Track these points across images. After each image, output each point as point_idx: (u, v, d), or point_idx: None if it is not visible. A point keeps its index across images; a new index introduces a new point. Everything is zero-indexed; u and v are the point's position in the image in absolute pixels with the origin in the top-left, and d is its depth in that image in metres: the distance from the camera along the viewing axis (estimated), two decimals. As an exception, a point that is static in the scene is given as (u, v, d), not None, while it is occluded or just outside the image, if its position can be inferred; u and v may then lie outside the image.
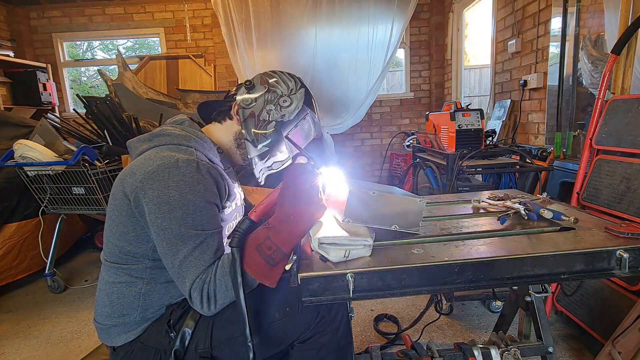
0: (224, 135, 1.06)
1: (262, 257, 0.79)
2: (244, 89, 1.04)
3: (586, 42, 2.30)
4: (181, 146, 0.91)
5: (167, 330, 0.91)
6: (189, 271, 0.81)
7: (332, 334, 0.94)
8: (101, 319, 0.94)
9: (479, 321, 1.83)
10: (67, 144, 2.20)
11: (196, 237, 0.82)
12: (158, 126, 2.73)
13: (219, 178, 0.91)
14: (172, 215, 0.81)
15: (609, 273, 0.78)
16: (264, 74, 1.06)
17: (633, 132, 1.49)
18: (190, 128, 0.99)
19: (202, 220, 0.83)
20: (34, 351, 1.80)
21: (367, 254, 0.80)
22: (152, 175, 0.82)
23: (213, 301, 0.82)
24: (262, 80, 1.04)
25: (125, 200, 0.86)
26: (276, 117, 1.01)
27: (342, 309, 0.97)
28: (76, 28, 4.47)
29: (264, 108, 1.01)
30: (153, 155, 0.87)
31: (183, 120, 1.02)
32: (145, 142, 0.94)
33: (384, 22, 3.55)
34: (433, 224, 1.04)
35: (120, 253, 0.90)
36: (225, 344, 0.91)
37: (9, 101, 3.85)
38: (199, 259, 0.82)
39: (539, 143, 2.67)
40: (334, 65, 3.63)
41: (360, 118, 3.93)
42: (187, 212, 0.81)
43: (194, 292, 0.81)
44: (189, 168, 0.84)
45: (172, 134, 0.94)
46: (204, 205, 0.84)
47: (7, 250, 2.27)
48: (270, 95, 1.02)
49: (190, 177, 0.83)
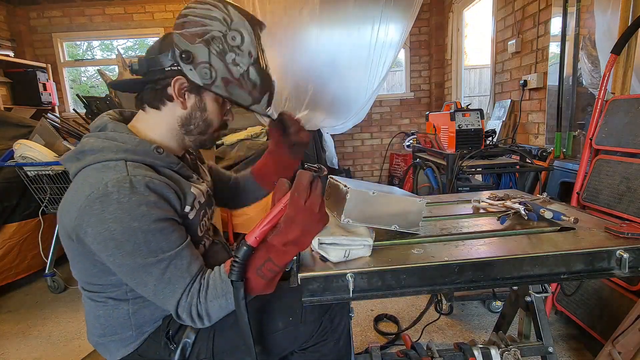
0: (164, 126, 0.86)
1: (264, 280, 0.75)
2: (185, 64, 0.78)
3: (586, 42, 2.30)
4: (109, 162, 0.76)
5: (166, 342, 0.87)
6: (167, 298, 0.75)
7: (333, 344, 0.93)
8: (95, 339, 0.89)
9: (479, 321, 1.83)
10: (67, 144, 2.20)
11: (159, 263, 0.73)
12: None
13: (164, 188, 0.76)
14: (122, 251, 0.71)
15: (609, 273, 0.78)
16: (180, 28, 0.78)
17: (633, 132, 1.49)
18: (114, 133, 0.81)
19: (159, 243, 0.73)
20: (34, 351, 1.80)
21: (367, 253, 0.80)
22: (84, 210, 0.71)
23: (207, 318, 0.77)
24: (187, 38, 0.77)
25: (71, 241, 0.77)
26: (248, 62, 0.81)
27: (345, 319, 0.97)
28: (76, 28, 4.47)
29: (227, 65, 0.80)
30: (80, 183, 0.75)
31: (105, 124, 0.83)
32: (73, 161, 0.79)
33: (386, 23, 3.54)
34: (433, 224, 1.04)
35: (96, 285, 0.83)
36: (227, 354, 0.89)
37: (9, 101, 3.85)
38: (171, 284, 0.74)
39: (539, 143, 2.67)
40: (335, 66, 3.63)
41: (361, 118, 3.94)
42: (137, 242, 0.71)
43: (183, 315, 0.76)
44: (122, 191, 0.70)
45: (94, 149, 0.77)
46: (155, 227, 0.72)
47: (7, 250, 2.27)
48: (215, 45, 0.79)
49: (126, 202, 0.70)
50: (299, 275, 0.73)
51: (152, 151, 0.80)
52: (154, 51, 0.83)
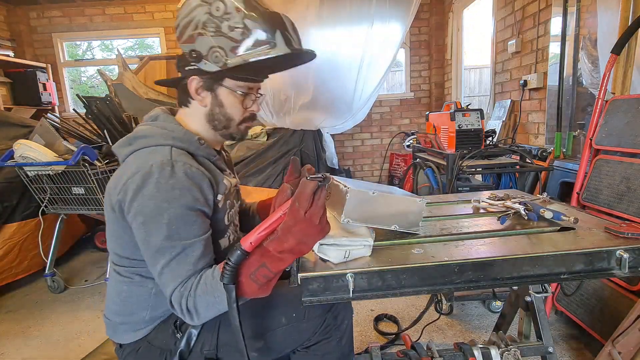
0: (197, 121, 0.93)
1: (257, 284, 0.75)
2: (189, 59, 0.85)
3: (586, 42, 2.30)
4: (158, 147, 0.84)
5: (173, 330, 0.90)
6: (167, 283, 0.79)
7: (336, 341, 0.94)
8: (111, 315, 0.94)
9: (479, 321, 1.83)
10: (67, 144, 2.20)
11: (172, 248, 0.78)
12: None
13: (200, 177, 0.83)
14: (147, 227, 0.78)
15: (609, 273, 0.78)
16: (178, 40, 0.86)
17: (633, 132, 1.49)
18: (165, 123, 0.90)
19: (179, 230, 0.78)
20: (34, 351, 1.80)
21: (367, 254, 0.80)
22: (128, 186, 0.79)
23: (195, 314, 0.79)
24: (186, 39, 0.84)
25: (113, 213, 0.84)
26: (237, 22, 0.81)
27: (348, 317, 0.97)
28: (76, 28, 4.47)
29: (227, 34, 0.81)
30: (130, 163, 0.83)
31: (157, 115, 0.92)
32: (125, 146, 0.88)
33: (385, 22, 3.54)
34: (433, 224, 1.04)
35: (127, 259, 0.89)
36: (231, 346, 0.90)
37: (9, 101, 3.85)
38: (175, 271, 0.78)
39: (539, 143, 2.67)
40: (335, 66, 3.63)
41: (361, 118, 3.94)
42: (161, 222, 0.77)
43: (174, 304, 0.79)
44: (163, 173, 0.78)
45: (146, 135, 0.86)
46: (181, 213, 0.79)
47: (7, 250, 2.27)
48: (209, 26, 0.81)
49: (164, 183, 0.78)
50: (299, 275, 0.73)
51: (195, 141, 0.89)
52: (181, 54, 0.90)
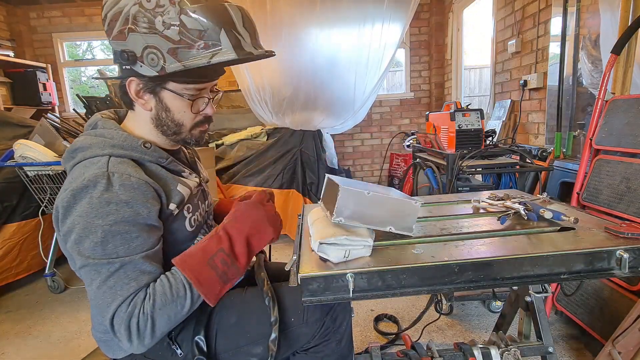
0: (143, 126, 0.86)
1: (217, 273, 0.71)
2: (124, 55, 0.76)
3: (586, 42, 2.30)
4: (95, 158, 0.77)
5: (169, 343, 0.87)
6: (105, 304, 0.71)
7: (336, 344, 0.93)
8: (98, 335, 0.90)
9: (479, 321, 1.83)
10: (67, 144, 2.20)
11: (109, 265, 0.71)
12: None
13: (142, 188, 0.75)
14: (79, 246, 0.72)
15: (609, 273, 0.78)
16: (107, 33, 0.78)
17: (633, 132, 1.49)
18: (103, 130, 0.82)
19: (116, 247, 0.72)
20: (34, 351, 1.80)
21: (367, 254, 0.80)
22: (59, 204, 0.74)
23: (149, 333, 0.72)
24: (116, 35, 0.76)
25: (59, 235, 0.78)
26: (173, 18, 0.72)
27: (347, 319, 0.96)
28: (76, 28, 4.47)
29: (162, 32, 0.73)
30: (68, 180, 0.77)
31: (96, 121, 0.85)
32: (68, 160, 0.81)
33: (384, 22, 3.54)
34: (433, 224, 1.04)
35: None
36: (230, 353, 0.89)
37: (9, 101, 3.85)
38: (115, 289, 0.71)
39: (539, 143, 2.67)
40: (334, 66, 3.63)
41: (361, 118, 3.94)
42: (94, 239, 0.71)
43: (116, 325, 0.71)
44: (98, 187, 0.72)
45: (83, 146, 0.79)
46: (117, 228, 0.72)
47: (7, 250, 2.27)
48: (140, 21, 0.73)
49: (97, 198, 0.71)
50: (299, 275, 0.73)
51: (139, 146, 0.81)
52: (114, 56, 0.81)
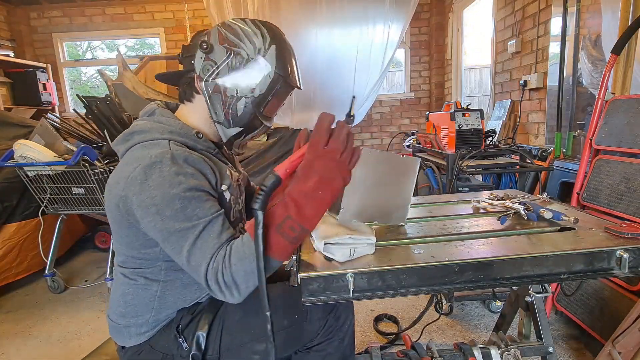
0: (199, 116, 0.92)
1: (286, 239, 0.71)
2: (200, 52, 0.86)
3: (586, 42, 2.30)
4: (154, 141, 0.83)
5: (175, 335, 0.89)
6: (198, 264, 0.75)
7: (338, 342, 0.94)
8: (115, 317, 0.93)
9: (479, 321, 1.83)
10: (67, 144, 2.20)
11: (194, 228, 0.76)
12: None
13: (201, 163, 0.82)
14: (162, 216, 0.76)
15: (609, 273, 0.78)
16: (222, 26, 0.87)
17: (633, 132, 1.49)
18: (161, 117, 0.89)
19: (195, 210, 0.77)
20: (34, 351, 1.80)
21: (371, 251, 0.80)
22: (131, 180, 0.78)
23: (235, 288, 0.74)
24: (220, 37, 0.85)
25: (118, 211, 0.82)
26: (245, 93, 0.86)
27: (350, 318, 0.96)
28: (76, 28, 4.47)
29: (228, 79, 0.85)
30: (129, 159, 0.82)
31: (153, 109, 0.91)
32: (123, 142, 0.87)
33: (384, 22, 3.55)
34: (433, 224, 1.04)
35: (133, 260, 0.88)
36: (234, 351, 0.89)
37: (9, 101, 3.85)
38: (202, 249, 0.75)
39: (539, 143, 2.67)
40: (334, 66, 3.63)
41: (361, 118, 3.94)
42: (175, 207, 0.75)
43: (211, 283, 0.74)
44: (164, 162, 0.77)
45: (143, 130, 0.85)
46: (191, 194, 0.77)
47: (7, 250, 2.27)
48: (235, 60, 0.85)
49: (167, 171, 0.77)
50: (299, 275, 0.73)
51: (193, 135, 0.88)
52: (191, 40, 0.89)
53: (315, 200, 0.69)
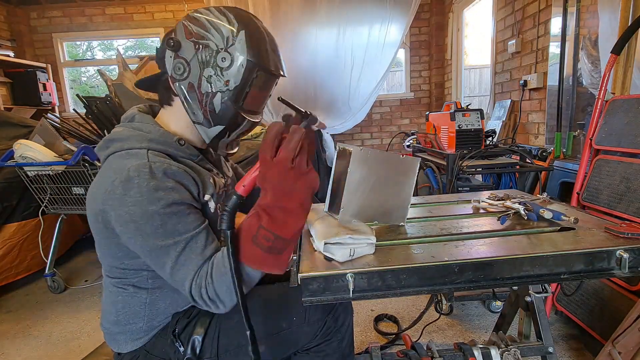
0: (181, 120, 0.88)
1: (262, 250, 0.70)
2: (169, 50, 0.81)
3: (586, 42, 2.30)
4: (132, 150, 0.80)
5: (172, 339, 0.88)
6: (181, 280, 0.76)
7: (337, 343, 0.93)
8: (108, 325, 0.92)
9: (479, 321, 1.83)
10: (67, 144, 2.20)
11: (176, 245, 0.75)
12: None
13: (181, 175, 0.79)
14: (142, 233, 0.74)
15: (609, 273, 0.78)
16: (187, 20, 0.82)
17: (633, 132, 1.49)
18: (140, 124, 0.85)
19: (176, 226, 0.75)
20: (34, 351, 1.80)
21: (371, 251, 0.80)
22: (109, 195, 0.75)
23: (219, 302, 0.75)
24: (186, 31, 0.80)
25: (98, 223, 0.80)
26: (219, 87, 0.81)
27: (348, 318, 0.96)
28: (76, 28, 4.47)
29: (201, 76, 0.81)
30: (106, 169, 0.79)
31: (133, 115, 0.87)
32: (103, 149, 0.84)
33: (385, 23, 3.54)
34: (433, 224, 1.04)
35: (117, 270, 0.86)
36: (231, 353, 0.89)
37: (9, 101, 3.85)
38: (185, 265, 0.75)
39: (539, 143, 2.67)
40: (335, 66, 3.63)
41: (361, 118, 3.94)
42: (155, 224, 0.74)
43: (196, 298, 0.76)
44: (142, 176, 0.74)
45: (121, 138, 0.82)
46: (170, 210, 0.75)
47: (7, 250, 2.27)
48: (204, 53, 0.80)
49: (145, 186, 0.74)
50: (299, 275, 0.73)
51: (174, 142, 0.84)
52: (162, 41, 0.84)
53: (283, 210, 0.68)
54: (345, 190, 0.83)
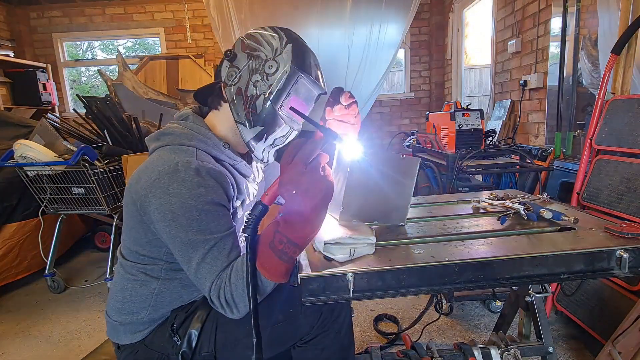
0: (226, 124, 0.95)
1: (276, 254, 0.72)
2: (226, 61, 0.92)
3: (586, 42, 2.31)
4: (183, 146, 0.87)
5: (170, 334, 0.90)
6: (204, 278, 0.79)
7: (335, 335, 0.94)
8: (112, 313, 0.94)
9: (479, 321, 1.83)
10: (67, 144, 2.20)
11: (205, 242, 0.79)
12: (158, 126, 2.73)
13: (222, 178, 0.85)
14: (177, 223, 0.78)
15: (609, 273, 0.78)
16: (244, 37, 0.93)
17: (633, 132, 1.49)
18: (193, 124, 0.92)
19: (209, 224, 0.79)
20: (34, 351, 1.80)
21: (371, 251, 0.80)
22: (153, 183, 0.80)
23: (234, 306, 0.78)
24: (242, 45, 0.91)
25: (134, 207, 0.85)
26: (263, 90, 0.89)
27: (345, 310, 0.96)
28: (76, 28, 4.47)
29: (249, 81, 0.89)
30: (155, 159, 0.85)
31: (187, 114, 0.95)
32: (153, 140, 0.92)
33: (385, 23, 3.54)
34: (433, 224, 1.04)
35: (136, 254, 0.91)
36: (229, 347, 0.90)
37: (9, 101, 3.85)
38: (211, 265, 0.79)
39: (539, 143, 2.67)
40: (335, 66, 3.63)
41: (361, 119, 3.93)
42: (191, 218, 0.78)
43: (214, 299, 0.78)
44: (188, 172, 0.80)
45: (174, 133, 0.90)
46: (208, 208, 0.80)
47: (7, 250, 2.27)
48: (255, 62, 0.89)
49: (189, 181, 0.79)
50: (299, 275, 0.73)
51: (220, 145, 0.92)
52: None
53: (296, 213, 0.70)
54: (345, 191, 0.83)
